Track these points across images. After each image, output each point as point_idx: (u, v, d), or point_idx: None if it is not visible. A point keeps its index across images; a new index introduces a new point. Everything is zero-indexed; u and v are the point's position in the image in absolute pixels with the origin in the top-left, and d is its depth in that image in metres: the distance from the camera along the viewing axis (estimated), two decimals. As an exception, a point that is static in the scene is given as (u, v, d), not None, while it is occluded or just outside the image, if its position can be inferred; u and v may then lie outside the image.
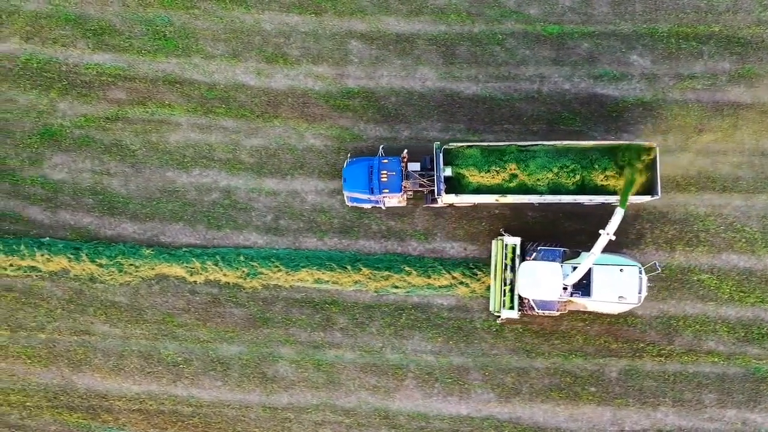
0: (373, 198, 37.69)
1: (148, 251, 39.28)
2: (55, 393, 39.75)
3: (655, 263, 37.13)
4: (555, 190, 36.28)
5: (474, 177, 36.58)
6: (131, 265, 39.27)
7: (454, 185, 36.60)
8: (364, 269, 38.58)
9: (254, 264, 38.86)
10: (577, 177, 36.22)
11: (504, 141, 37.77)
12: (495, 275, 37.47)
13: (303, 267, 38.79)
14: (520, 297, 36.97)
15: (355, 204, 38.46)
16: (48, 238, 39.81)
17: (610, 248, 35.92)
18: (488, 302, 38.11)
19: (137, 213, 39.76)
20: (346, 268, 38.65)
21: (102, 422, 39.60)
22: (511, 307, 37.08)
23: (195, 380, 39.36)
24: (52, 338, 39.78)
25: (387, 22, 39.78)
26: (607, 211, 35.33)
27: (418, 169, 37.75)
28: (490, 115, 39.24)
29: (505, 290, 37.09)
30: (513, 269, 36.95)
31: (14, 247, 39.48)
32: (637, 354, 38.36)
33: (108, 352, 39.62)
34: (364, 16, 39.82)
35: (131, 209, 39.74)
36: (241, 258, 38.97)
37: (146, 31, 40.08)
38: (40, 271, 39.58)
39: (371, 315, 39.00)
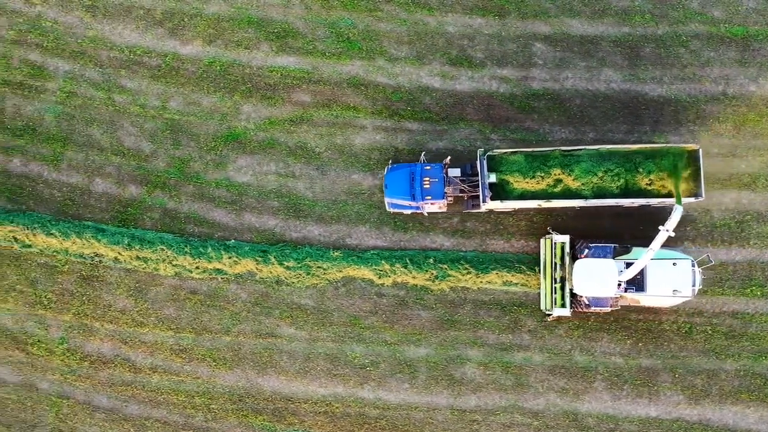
0: (414, 204, 37.85)
1: (336, 254, 39.28)
2: (240, 395, 39.76)
3: (707, 255, 37.33)
4: (599, 194, 36.51)
5: (519, 183, 36.78)
6: (319, 267, 39.26)
7: (498, 191, 36.77)
8: (554, 271, 38.60)
9: (443, 266, 38.84)
10: (621, 181, 36.42)
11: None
12: (545, 274, 37.70)
13: (492, 269, 38.77)
14: (572, 294, 37.20)
15: (395, 210, 38.64)
16: (233, 241, 39.84)
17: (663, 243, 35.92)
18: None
19: (323, 215, 39.77)
20: (535, 270, 38.62)
21: (287, 425, 39.61)
22: (563, 305, 37.32)
23: (382, 383, 39.36)
24: (237, 341, 39.81)
25: (570, 24, 39.78)
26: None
27: (459, 174, 38.00)
28: (676, 116, 39.23)
29: (555, 288, 37.37)
30: (563, 267, 37.14)
31: (201, 249, 39.51)
32: (828, 356, 38.40)
33: (294, 354, 39.63)
34: (548, 18, 39.82)
35: (317, 212, 39.76)
36: (430, 260, 38.95)
37: (329, 34, 40.11)
38: (226, 273, 39.60)
39: (559, 317, 38.92)
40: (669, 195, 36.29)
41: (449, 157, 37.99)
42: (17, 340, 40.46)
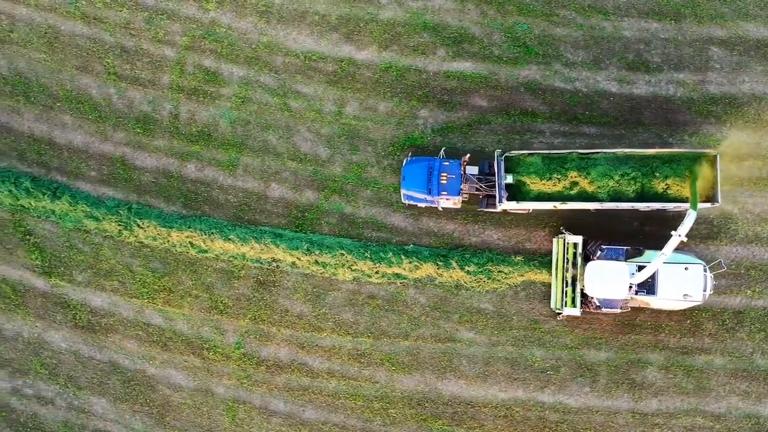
0: (429, 198, 38.05)
1: (517, 258, 39.35)
2: (419, 400, 39.84)
3: (720, 261, 37.64)
4: (615, 197, 36.71)
5: (535, 184, 37.07)
6: (500, 272, 39.34)
7: (514, 192, 37.05)
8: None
9: (626, 270, 38.91)
10: (638, 185, 36.62)
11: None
12: (556, 273, 38.06)
13: (674, 273, 38.83)
14: (582, 294, 37.51)
15: (410, 202, 39.00)
16: (411, 246, 39.92)
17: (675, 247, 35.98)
18: None
19: (502, 220, 39.82)
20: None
21: (467, 429, 39.68)
22: (573, 305, 37.65)
23: (562, 386, 39.43)
24: (415, 345, 39.89)
25: (747, 28, 39.85)
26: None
27: (476, 173, 38.30)
28: None
29: (566, 288, 37.73)
30: (575, 267, 37.48)
31: (381, 254, 39.58)
32: None
33: (473, 359, 39.71)
34: (724, 22, 39.89)
35: (495, 216, 39.77)
36: (613, 264, 39.02)
37: (505, 39, 40.17)
38: (405, 278, 39.67)
39: (741, 320, 39.03)
40: (685, 200, 36.32)
41: (468, 155, 38.27)
42: (193, 345, 40.57)
